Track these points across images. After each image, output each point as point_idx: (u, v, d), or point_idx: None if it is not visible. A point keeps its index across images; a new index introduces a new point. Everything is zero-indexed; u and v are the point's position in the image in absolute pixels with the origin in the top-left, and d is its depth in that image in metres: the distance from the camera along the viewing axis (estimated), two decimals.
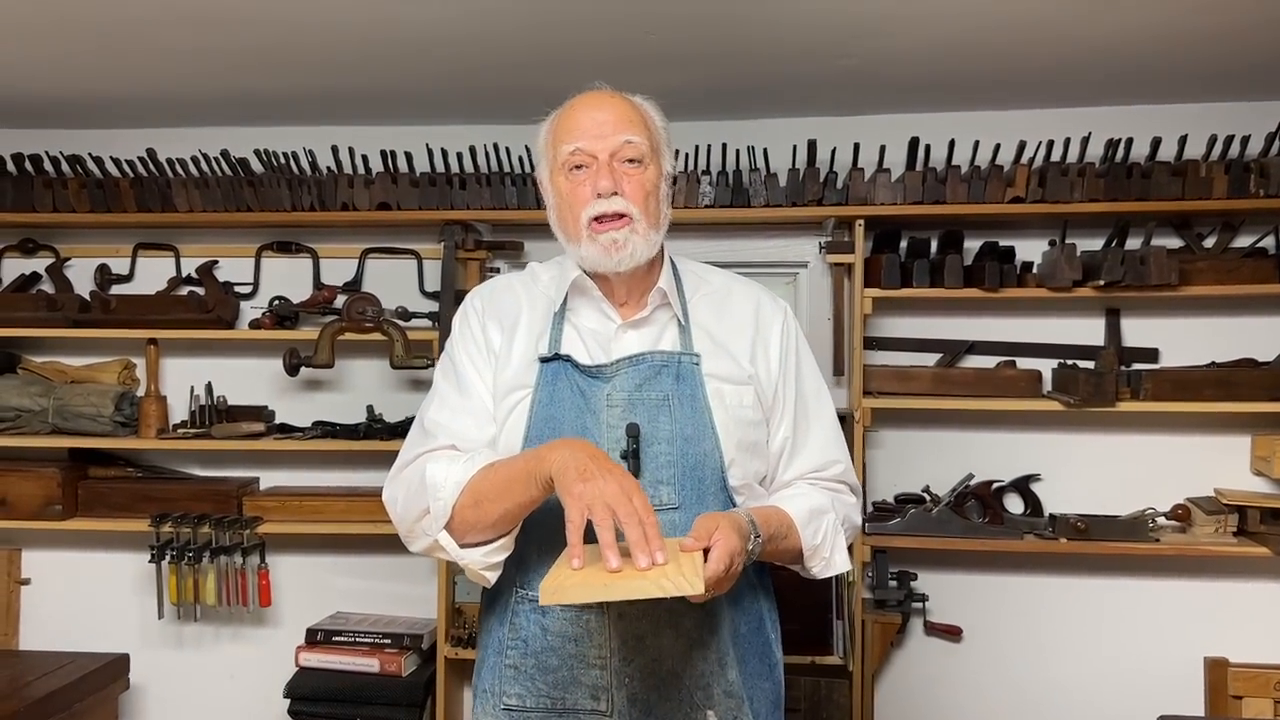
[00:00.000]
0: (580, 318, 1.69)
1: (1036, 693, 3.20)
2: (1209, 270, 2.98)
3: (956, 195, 2.99)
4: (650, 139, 1.64)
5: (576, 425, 1.59)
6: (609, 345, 1.66)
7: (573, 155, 1.60)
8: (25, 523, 3.25)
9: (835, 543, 1.67)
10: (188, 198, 3.20)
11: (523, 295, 1.73)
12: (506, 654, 1.64)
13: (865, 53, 2.67)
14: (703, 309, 1.71)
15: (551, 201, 1.68)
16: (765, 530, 1.54)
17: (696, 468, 1.60)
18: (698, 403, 1.62)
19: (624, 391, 1.60)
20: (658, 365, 1.63)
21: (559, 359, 1.64)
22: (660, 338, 1.67)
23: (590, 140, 1.60)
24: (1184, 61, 2.75)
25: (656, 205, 1.65)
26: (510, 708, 1.62)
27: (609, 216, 1.59)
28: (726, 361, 1.66)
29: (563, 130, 1.63)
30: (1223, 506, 3.03)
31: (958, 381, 3.09)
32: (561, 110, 1.66)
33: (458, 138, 3.17)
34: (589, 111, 1.62)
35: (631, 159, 1.61)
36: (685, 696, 1.59)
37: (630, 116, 1.62)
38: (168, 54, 2.69)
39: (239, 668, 3.40)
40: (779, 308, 1.76)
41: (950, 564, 3.19)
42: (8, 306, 3.29)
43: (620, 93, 1.67)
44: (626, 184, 1.60)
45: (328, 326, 3.17)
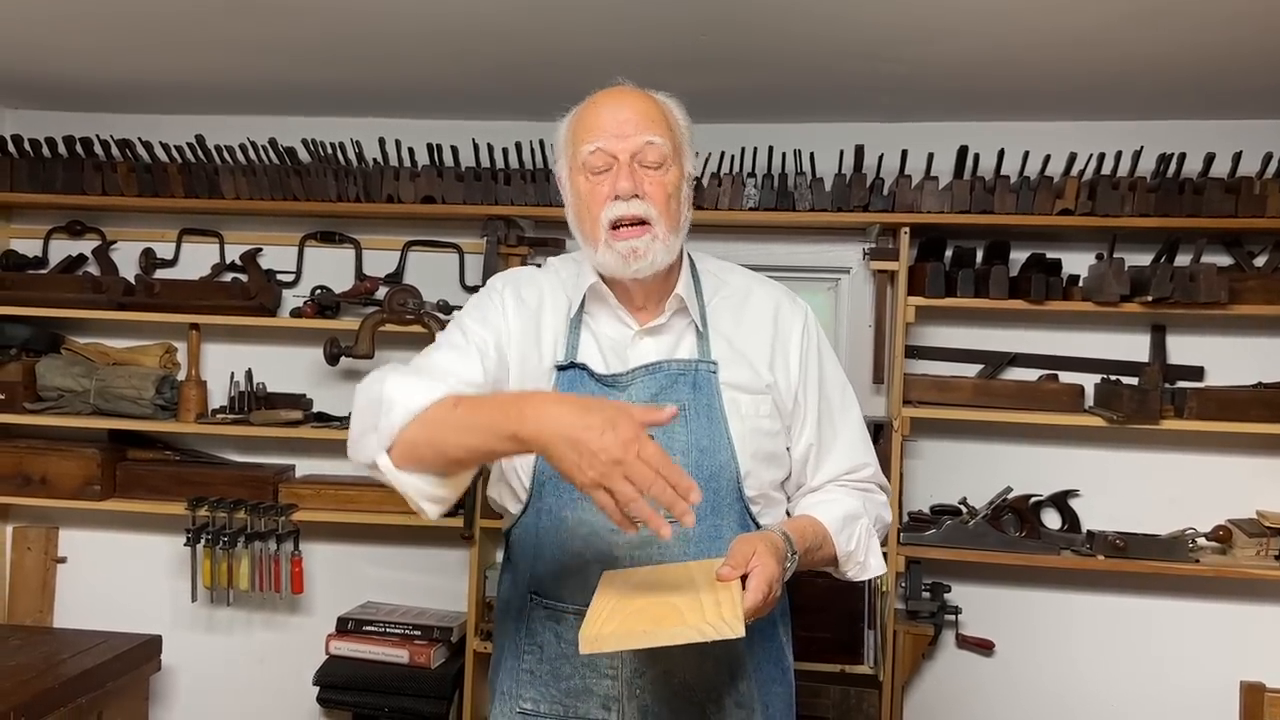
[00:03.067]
0: (597, 323, 1.67)
1: (1068, 711, 3.17)
2: (1259, 289, 2.94)
3: (1004, 205, 2.96)
4: (673, 139, 1.60)
5: None
6: (625, 352, 1.64)
7: (593, 155, 1.56)
8: (64, 502, 3.28)
9: (869, 546, 1.67)
10: (234, 185, 3.22)
11: (545, 292, 1.70)
12: (523, 658, 1.64)
13: (916, 59, 2.65)
14: (721, 313, 1.69)
15: (570, 200, 1.64)
16: (800, 545, 1.53)
17: (712, 479, 1.58)
18: (714, 413, 1.60)
19: (640, 401, 1.58)
20: (674, 374, 1.61)
21: (575, 367, 1.62)
22: (677, 345, 1.65)
23: (611, 140, 1.55)
24: (1240, 76, 2.71)
25: (677, 207, 1.61)
26: (525, 711, 1.63)
27: (628, 222, 1.56)
28: (744, 370, 1.64)
29: (583, 128, 1.58)
30: (1265, 529, 2.99)
31: (998, 393, 3.06)
32: (582, 107, 1.62)
33: (504, 133, 3.18)
34: (610, 109, 1.58)
35: (653, 160, 1.56)
36: (696, 708, 1.59)
37: (652, 115, 1.58)
38: (220, 43, 2.71)
39: (269, 653, 3.42)
40: (799, 310, 1.73)
41: (985, 577, 3.16)
42: (54, 287, 3.33)
43: (642, 89, 1.63)
44: (648, 185, 1.55)
45: (369, 317, 3.19)
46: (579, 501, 1.57)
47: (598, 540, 1.57)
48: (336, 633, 3.18)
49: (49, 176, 3.26)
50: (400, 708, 3.08)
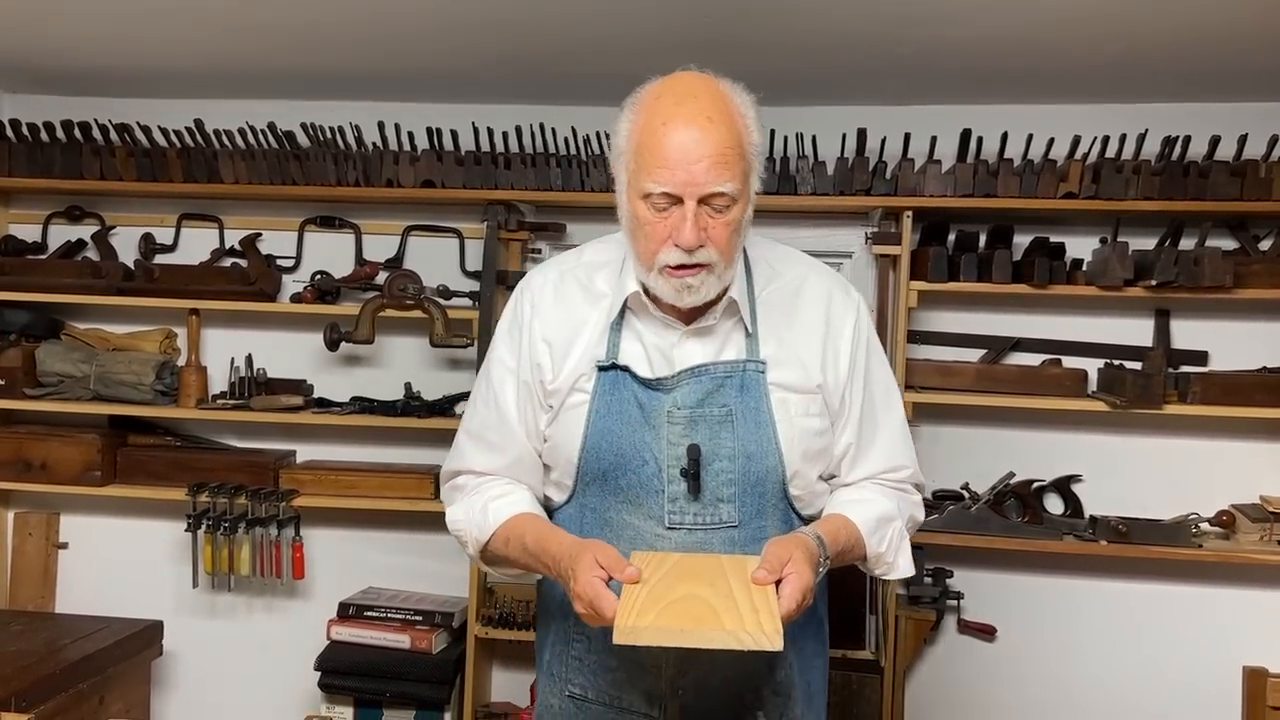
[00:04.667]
0: (641, 321, 1.62)
1: (1070, 696, 3.16)
2: (1264, 273, 2.92)
3: (1008, 189, 2.95)
4: (745, 166, 1.48)
5: (634, 440, 1.56)
6: (670, 353, 1.59)
7: (658, 196, 1.46)
8: (64, 487, 3.27)
9: (900, 548, 1.65)
10: (233, 169, 3.20)
11: (579, 296, 1.65)
12: (572, 645, 1.66)
13: (920, 42, 2.63)
14: (772, 308, 1.63)
15: (625, 211, 1.55)
16: (833, 548, 1.51)
17: (758, 484, 1.57)
18: (761, 416, 1.57)
19: (686, 407, 1.55)
20: (721, 377, 1.57)
21: (617, 369, 1.58)
22: (724, 344, 1.60)
23: (679, 185, 1.43)
24: (1245, 59, 2.69)
25: (738, 239, 1.53)
26: (574, 695, 1.66)
27: (688, 266, 1.48)
28: (794, 369, 1.60)
29: (648, 155, 1.46)
30: (1268, 514, 2.98)
31: (1001, 378, 3.05)
32: (649, 118, 1.48)
33: (504, 117, 3.15)
34: (682, 145, 1.43)
35: (721, 205, 1.46)
36: (735, 701, 1.60)
37: (726, 151, 1.44)
38: (218, 27, 2.69)
39: (271, 639, 3.42)
40: (851, 304, 1.67)
41: (987, 562, 3.16)
42: (53, 273, 3.32)
43: (719, 95, 1.49)
44: (712, 231, 1.47)
45: (369, 302, 3.17)
46: (623, 505, 1.58)
47: (642, 543, 1.56)
48: (338, 618, 3.18)
49: (47, 161, 3.24)
50: (402, 693, 3.08)
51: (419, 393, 3.27)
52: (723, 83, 1.53)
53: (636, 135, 1.49)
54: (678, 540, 1.55)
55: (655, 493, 1.56)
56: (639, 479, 1.56)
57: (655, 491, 1.56)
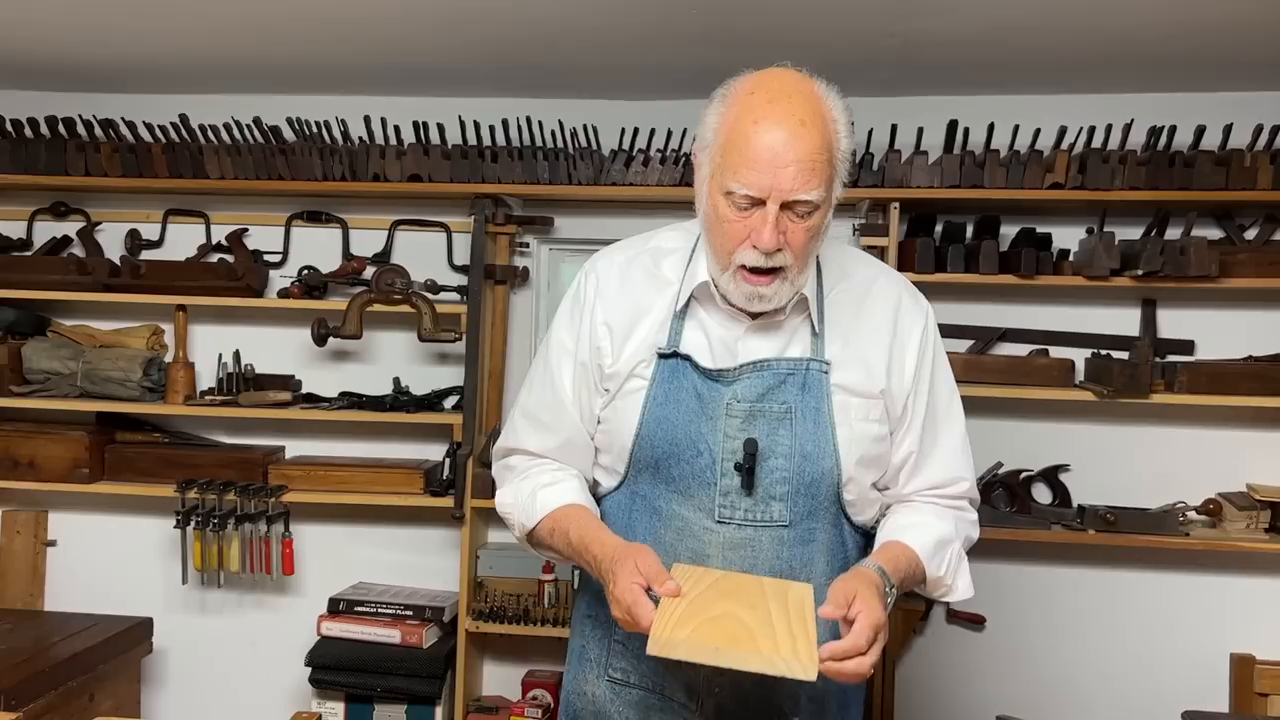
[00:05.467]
0: (706, 311, 1.59)
1: (1058, 683, 3.18)
2: (1249, 262, 2.93)
3: (994, 180, 2.95)
4: (831, 172, 1.46)
5: (689, 430, 1.54)
6: (734, 345, 1.57)
7: (741, 196, 1.44)
8: (52, 485, 3.26)
9: (959, 570, 1.64)
10: (219, 164, 3.19)
11: (645, 281, 1.63)
12: (615, 630, 1.63)
13: (908, 33, 2.63)
14: (840, 309, 1.60)
15: (704, 205, 1.52)
16: (895, 578, 1.49)
17: (812, 485, 1.55)
18: (821, 416, 1.54)
19: (746, 401, 1.53)
20: (783, 373, 1.55)
21: (678, 357, 1.56)
22: (790, 341, 1.58)
23: (764, 188, 1.41)
24: (1230, 49, 2.70)
25: (816, 244, 1.51)
26: (615, 680, 1.66)
27: (763, 269, 1.47)
28: (858, 371, 1.57)
29: (736, 153, 1.43)
30: (1255, 502, 2.99)
31: (989, 369, 3.06)
32: (741, 114, 1.45)
33: (491, 110, 3.15)
34: (772, 148, 1.40)
35: (803, 211, 1.44)
36: (773, 706, 1.59)
37: (815, 156, 1.41)
38: (202, 20, 2.67)
39: (261, 635, 3.41)
40: (920, 310, 1.66)
41: (975, 552, 3.09)
42: (39, 269, 3.30)
43: (813, 97, 1.46)
44: (791, 235, 1.45)
45: (356, 297, 3.17)
46: (674, 495, 1.57)
47: (690, 536, 1.56)
48: (328, 614, 3.17)
49: (31, 157, 3.23)
50: (392, 688, 3.08)
51: (407, 387, 3.27)
52: (819, 84, 1.49)
53: (726, 129, 1.46)
54: (726, 535, 1.54)
55: (707, 485, 1.54)
56: (692, 470, 1.55)
57: (708, 484, 1.54)
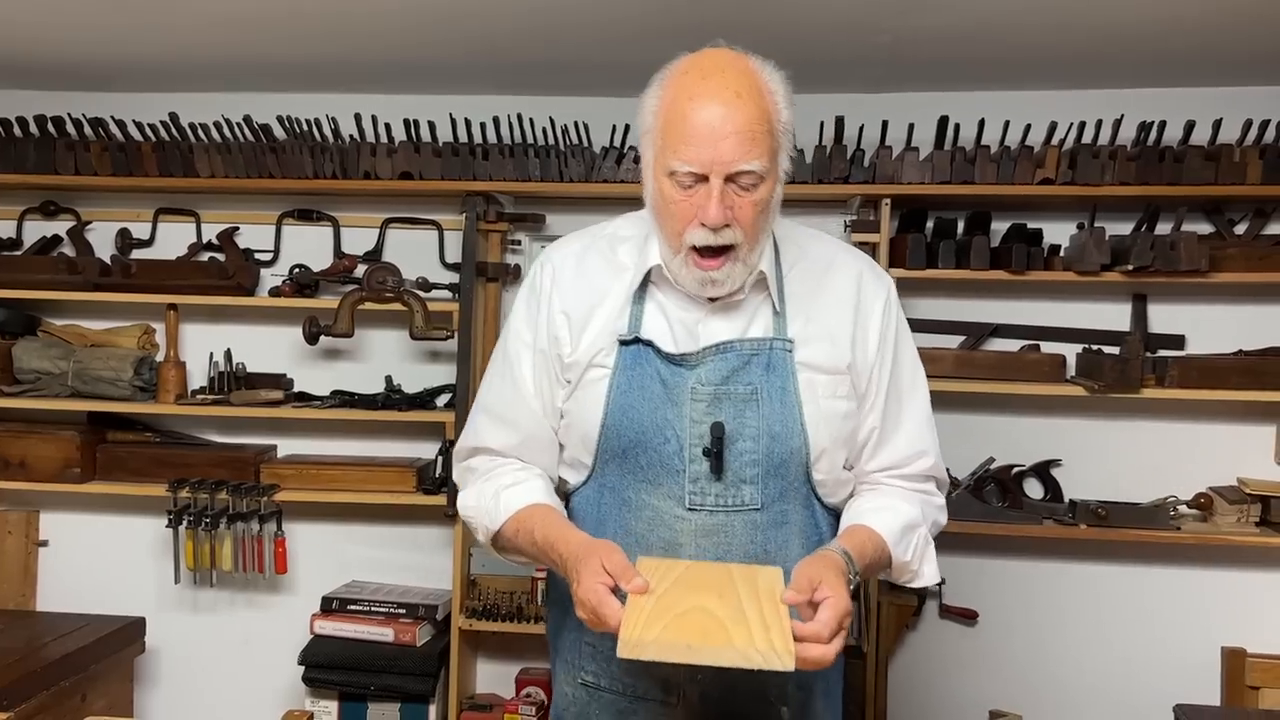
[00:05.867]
0: (665, 295, 1.58)
1: (1051, 678, 3.18)
2: (1239, 257, 2.94)
3: (985, 176, 2.95)
4: (773, 144, 1.46)
5: (655, 417, 1.53)
6: (695, 328, 1.56)
7: (684, 175, 1.44)
8: (44, 485, 3.25)
9: (925, 555, 1.62)
10: (209, 163, 3.18)
11: (601, 268, 1.62)
12: (585, 632, 1.58)
13: (899, 30, 2.63)
14: (800, 286, 1.59)
15: (651, 193, 1.52)
16: (861, 563, 1.47)
17: (782, 465, 1.53)
18: (788, 396, 1.53)
19: (710, 385, 1.52)
20: (747, 354, 1.54)
21: (640, 343, 1.55)
22: (752, 321, 1.56)
23: (705, 162, 1.41)
24: (1220, 45, 2.70)
25: (765, 220, 1.50)
26: (588, 684, 1.64)
27: (713, 250, 1.46)
28: (823, 348, 1.56)
29: (674, 133, 1.43)
30: (1245, 496, 3.00)
31: (980, 364, 3.06)
32: (676, 94, 1.45)
33: (482, 108, 3.14)
34: (709, 121, 1.40)
35: (749, 183, 1.44)
36: (758, 694, 1.57)
37: (755, 127, 1.42)
38: (191, 18, 2.67)
39: (254, 634, 3.41)
40: (882, 285, 1.64)
41: (968, 548, 3.17)
42: (29, 269, 3.29)
43: (747, 70, 1.46)
44: (738, 210, 1.44)
45: (348, 296, 3.16)
46: (643, 485, 1.55)
47: (661, 525, 1.55)
48: (321, 612, 3.17)
49: (20, 156, 3.22)
50: (386, 686, 3.08)
51: (399, 385, 3.27)
52: (752, 59, 1.49)
53: (664, 111, 1.46)
54: (698, 522, 1.53)
55: (676, 472, 1.53)
56: (660, 457, 1.53)
57: (676, 471, 1.53)
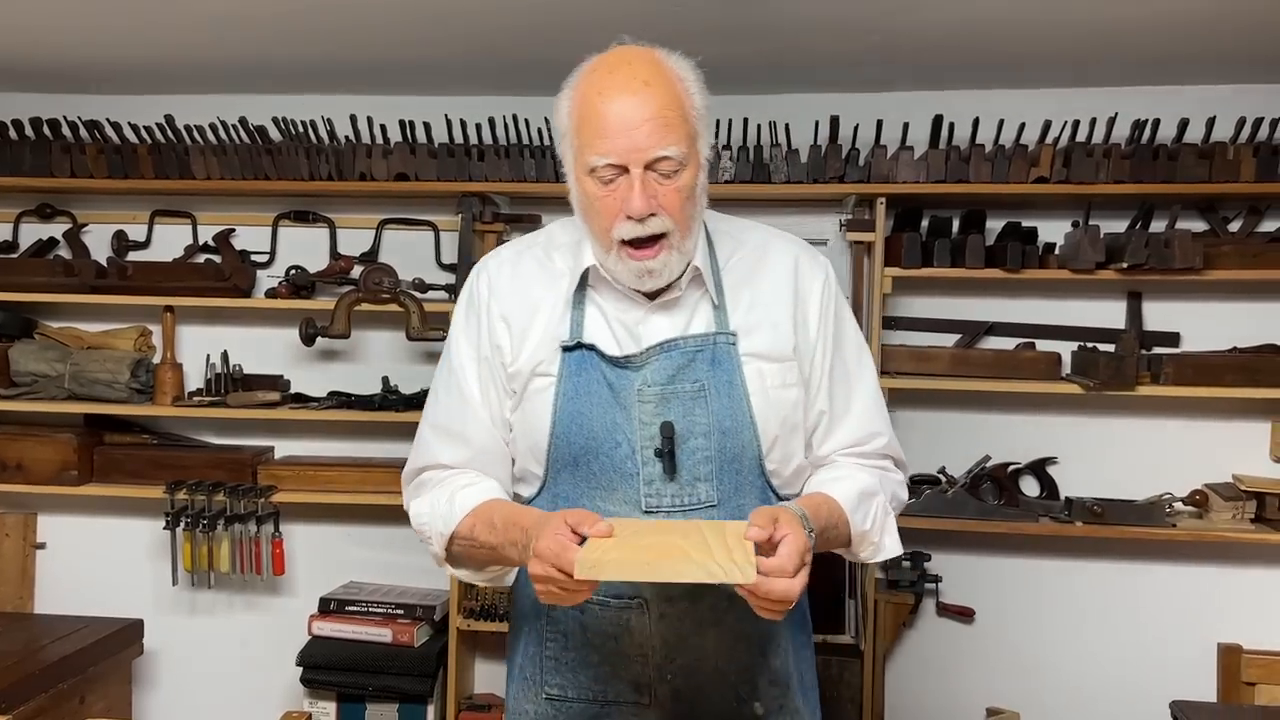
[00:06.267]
0: (603, 297, 1.57)
1: (1048, 675, 3.19)
2: (1233, 254, 2.95)
3: (980, 175, 2.96)
4: (689, 129, 1.45)
5: (605, 421, 1.52)
6: (636, 329, 1.55)
7: (603, 169, 1.44)
8: (41, 488, 3.26)
9: (885, 525, 1.59)
10: (205, 165, 3.19)
11: (537, 274, 1.61)
12: (546, 645, 1.60)
13: (892, 29, 2.64)
14: (738, 276, 1.59)
15: (575, 193, 1.52)
16: (816, 523, 1.44)
17: (735, 460, 1.53)
18: (735, 389, 1.52)
19: (656, 385, 1.51)
20: (691, 351, 1.53)
21: (583, 348, 1.53)
22: (692, 317, 1.56)
23: (622, 153, 1.41)
24: (1213, 43, 2.71)
25: (693, 206, 1.49)
26: (553, 697, 1.60)
27: (643, 240, 1.46)
28: (766, 336, 1.56)
29: (589, 130, 1.44)
30: (1241, 493, 3.01)
31: (976, 363, 3.07)
32: (586, 93, 1.46)
33: (477, 108, 3.15)
34: (620, 113, 1.41)
35: (669, 170, 1.43)
36: (730, 690, 1.56)
37: (667, 113, 1.42)
38: (187, 20, 2.67)
39: (252, 635, 3.41)
40: (819, 266, 1.63)
41: (964, 545, 3.18)
42: (25, 271, 3.29)
43: (654, 60, 1.47)
44: (663, 198, 1.44)
45: (344, 297, 3.17)
46: (597, 491, 1.54)
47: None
48: (319, 613, 3.18)
49: (16, 159, 3.22)
50: (384, 686, 3.08)
51: (396, 386, 3.27)
52: (659, 50, 1.50)
53: (576, 111, 1.47)
54: None
55: (630, 476, 1.51)
56: (612, 462, 1.52)
57: (630, 474, 1.51)
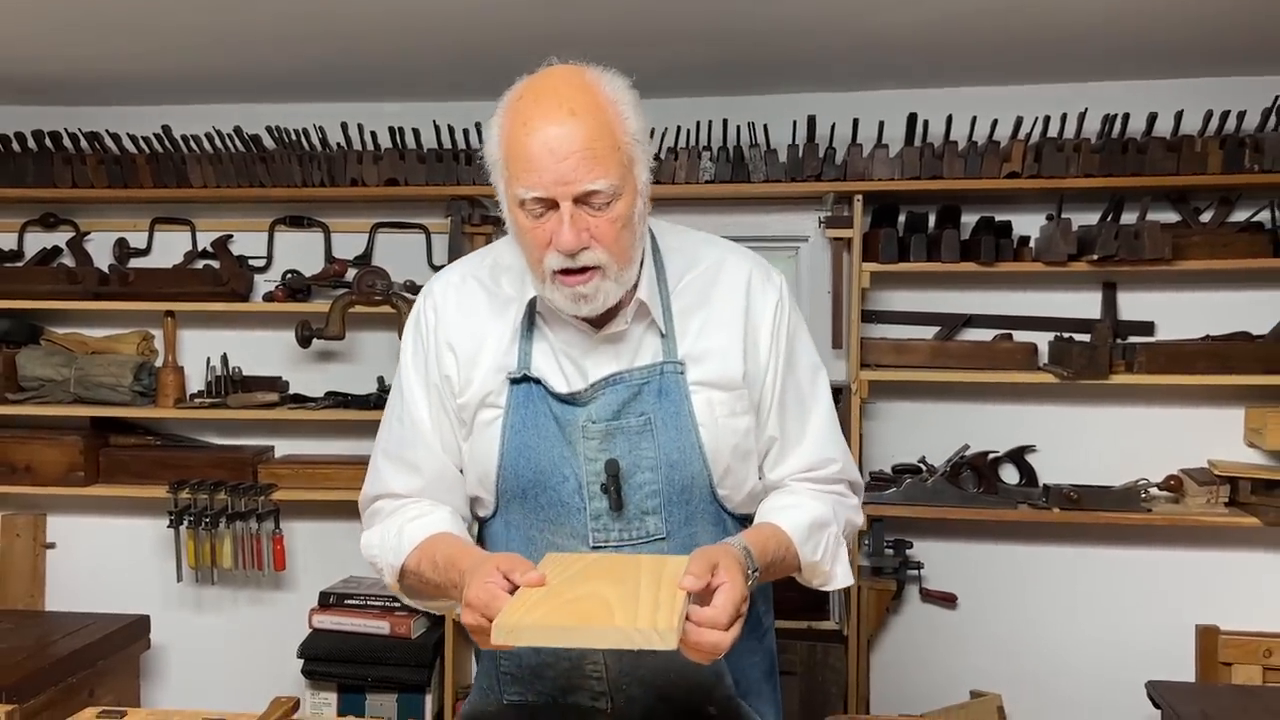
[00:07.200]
0: (550, 328, 1.53)
1: (1030, 659, 3.27)
2: (1204, 244, 3.01)
3: (953, 170, 3.03)
4: (622, 158, 1.38)
5: (551, 455, 1.49)
6: (583, 362, 1.51)
7: (532, 202, 1.37)
8: (49, 489, 3.36)
9: (837, 555, 1.55)
10: (202, 173, 3.28)
11: (484, 301, 1.56)
12: (500, 661, 1.57)
13: (863, 30, 2.71)
14: (688, 300, 1.54)
15: (508, 221, 1.45)
16: (761, 559, 1.40)
17: (684, 491, 1.49)
18: (682, 420, 1.48)
19: (602, 421, 1.47)
20: (637, 384, 1.49)
21: (529, 381, 1.50)
22: (639, 348, 1.51)
23: (549, 186, 1.35)
24: (1181, 37, 2.77)
25: (631, 236, 1.42)
26: (513, 702, 1.59)
27: (575, 270, 1.40)
28: (715, 364, 1.51)
29: (516, 162, 1.37)
30: (1214, 477, 3.07)
31: (955, 354, 3.15)
32: (512, 121, 1.39)
33: (464, 114, 3.22)
34: (547, 144, 1.34)
35: (600, 202, 1.37)
36: (684, 699, 1.54)
37: (595, 144, 1.35)
38: (182, 33, 2.76)
39: (255, 629, 3.52)
40: (772, 287, 1.57)
41: (946, 533, 3.26)
42: (30, 279, 3.39)
43: (583, 85, 1.39)
44: (595, 230, 1.38)
45: (338, 299, 3.25)
46: (545, 524, 1.51)
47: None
48: (319, 607, 3.27)
49: (20, 170, 3.32)
50: (383, 677, 3.17)
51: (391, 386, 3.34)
52: (589, 71, 1.42)
53: (504, 141, 1.40)
54: None
55: (576, 510, 1.48)
56: (559, 496, 1.49)
57: (576, 509, 1.48)
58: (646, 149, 1.44)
